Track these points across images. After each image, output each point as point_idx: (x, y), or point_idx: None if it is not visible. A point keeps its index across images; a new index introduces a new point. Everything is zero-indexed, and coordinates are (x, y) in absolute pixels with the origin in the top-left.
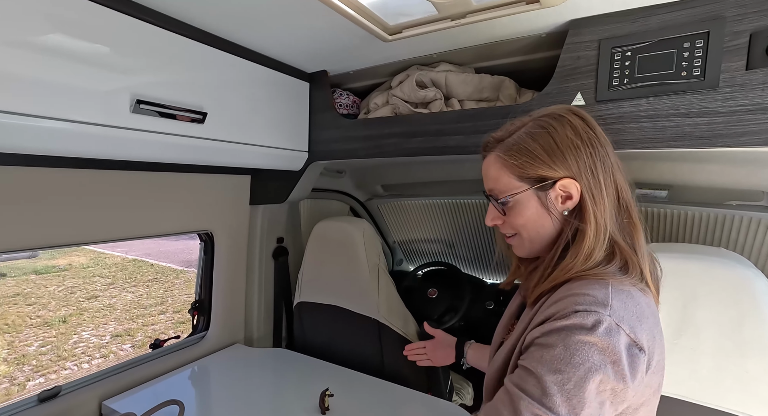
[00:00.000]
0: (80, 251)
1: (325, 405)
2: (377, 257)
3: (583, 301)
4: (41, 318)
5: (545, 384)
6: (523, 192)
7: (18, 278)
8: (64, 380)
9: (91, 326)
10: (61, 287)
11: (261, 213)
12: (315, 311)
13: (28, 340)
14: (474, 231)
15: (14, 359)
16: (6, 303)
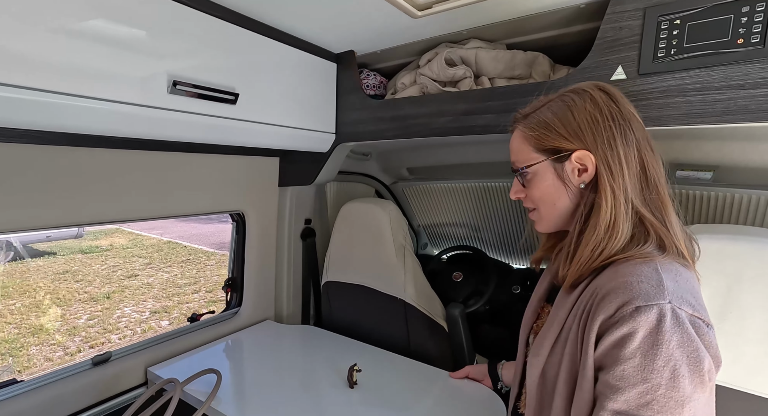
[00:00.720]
0: (120, 232)
1: (353, 379)
2: (404, 238)
3: (640, 293)
4: (88, 294)
5: (637, 398)
6: (540, 163)
7: (66, 257)
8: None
9: (131, 302)
10: (104, 266)
11: (289, 195)
12: (342, 290)
13: (78, 314)
14: (501, 215)
15: (66, 330)
16: (57, 280)
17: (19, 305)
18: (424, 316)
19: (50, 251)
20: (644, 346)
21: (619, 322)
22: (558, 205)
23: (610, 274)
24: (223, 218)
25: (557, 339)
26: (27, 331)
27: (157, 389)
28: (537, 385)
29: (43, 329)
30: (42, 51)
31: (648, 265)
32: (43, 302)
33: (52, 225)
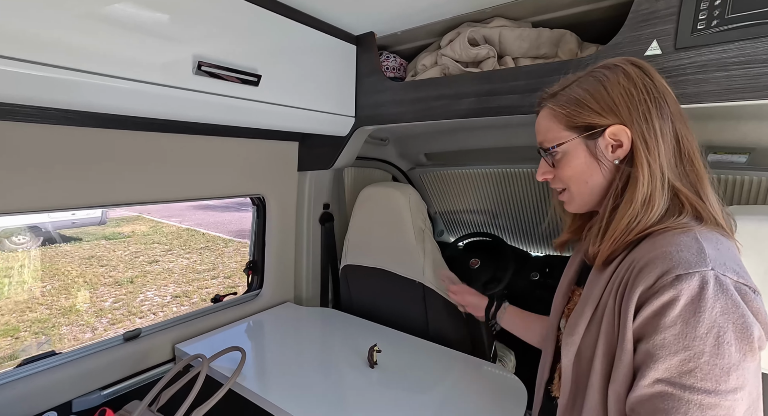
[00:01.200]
0: (141, 220)
1: (374, 359)
2: (423, 222)
3: (680, 261)
4: (112, 278)
5: (679, 366)
6: (571, 141)
7: (91, 243)
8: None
9: (153, 287)
10: (127, 251)
11: (308, 179)
12: (361, 274)
13: (104, 297)
14: (520, 202)
15: (94, 312)
16: (84, 264)
17: (49, 288)
18: (443, 300)
19: (76, 237)
20: (685, 314)
21: (660, 291)
22: (590, 183)
23: (648, 246)
24: (240, 206)
25: (592, 317)
26: (58, 312)
27: (184, 364)
28: (572, 366)
29: (72, 310)
30: (71, 32)
31: (687, 234)
32: (73, 286)
33: (79, 205)
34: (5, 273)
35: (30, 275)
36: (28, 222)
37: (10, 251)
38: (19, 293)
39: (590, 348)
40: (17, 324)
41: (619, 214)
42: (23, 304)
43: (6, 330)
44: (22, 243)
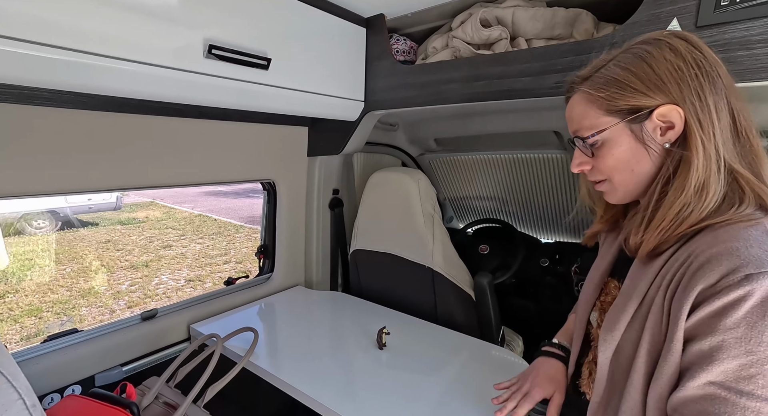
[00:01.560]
0: (154, 205)
1: (383, 341)
2: (432, 207)
3: (750, 258)
4: (128, 262)
5: (737, 371)
6: (613, 127)
7: (107, 227)
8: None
9: (168, 271)
10: (141, 236)
11: (318, 164)
12: (370, 258)
13: (120, 280)
14: (531, 188)
15: (111, 294)
16: (100, 248)
17: (69, 270)
18: (452, 285)
19: (92, 221)
20: (752, 317)
21: (724, 291)
22: (637, 170)
23: (708, 240)
24: (251, 193)
25: (636, 313)
26: (77, 293)
27: (200, 343)
28: (610, 363)
29: (91, 292)
30: (83, 15)
31: (755, 228)
32: (91, 268)
33: (93, 189)
34: (27, 256)
35: (50, 258)
36: (47, 207)
37: (31, 235)
38: (41, 276)
39: (632, 345)
40: (40, 305)
41: (667, 202)
42: (45, 286)
43: (30, 310)
44: (42, 227)
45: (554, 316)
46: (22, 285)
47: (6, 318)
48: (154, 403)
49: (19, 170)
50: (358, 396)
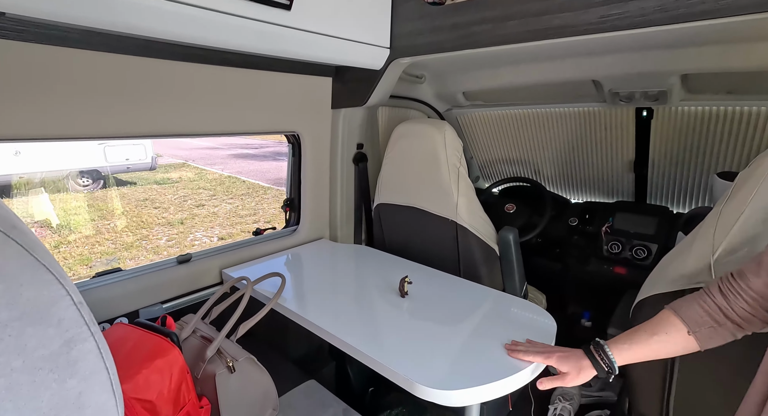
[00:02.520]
0: (187, 167)
1: (404, 290)
2: (458, 160)
3: None
4: (165, 219)
5: None
6: None
7: (144, 187)
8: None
9: (201, 228)
10: (176, 195)
11: (342, 117)
12: (394, 212)
13: (158, 236)
14: (564, 145)
15: (151, 248)
16: (139, 206)
17: (112, 225)
18: (476, 238)
19: (131, 181)
20: None
21: None
22: None
23: None
24: (277, 155)
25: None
26: (121, 246)
27: (231, 284)
28: None
29: (133, 245)
30: None
31: None
32: (132, 225)
33: (119, 135)
34: (75, 211)
35: (95, 213)
36: (89, 166)
37: (77, 192)
38: (89, 230)
39: None
40: (89, 256)
41: None
42: (92, 239)
43: (81, 260)
44: (87, 185)
45: (580, 277)
46: (71, 238)
47: (62, 265)
48: (192, 336)
49: (49, 114)
50: (379, 338)
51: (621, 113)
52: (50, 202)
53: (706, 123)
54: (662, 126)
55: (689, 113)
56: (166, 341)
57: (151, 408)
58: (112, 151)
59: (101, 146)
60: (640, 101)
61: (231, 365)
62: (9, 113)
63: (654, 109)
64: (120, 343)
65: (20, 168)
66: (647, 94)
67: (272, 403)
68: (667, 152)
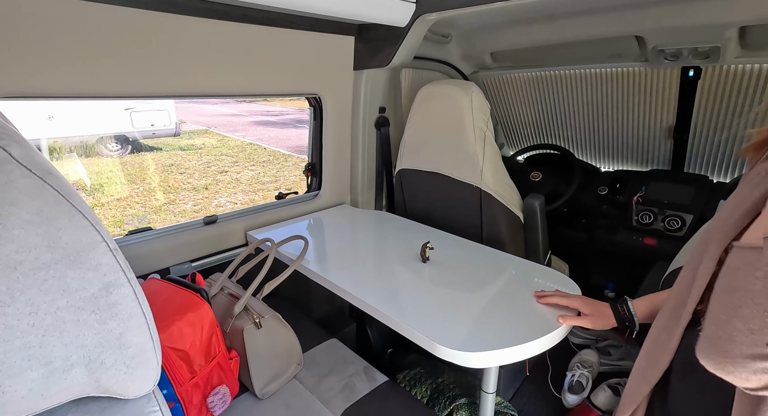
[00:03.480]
0: (209, 133)
1: (426, 255)
2: (485, 123)
3: None
4: (190, 184)
5: None
6: None
7: (170, 152)
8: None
9: (225, 194)
10: (200, 161)
11: (364, 79)
12: (416, 178)
13: (185, 200)
14: (597, 109)
15: (178, 212)
16: (165, 171)
17: (141, 190)
18: (501, 205)
19: (156, 147)
20: None
21: None
22: None
23: None
24: (297, 123)
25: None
26: (150, 210)
27: (256, 245)
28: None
29: (161, 209)
30: None
31: None
32: (160, 189)
33: (136, 94)
34: (107, 176)
35: (125, 178)
36: (118, 131)
37: (107, 156)
38: (120, 193)
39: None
40: (121, 218)
41: None
42: (123, 202)
43: (114, 222)
44: (116, 150)
45: (606, 247)
46: (104, 201)
47: None
48: (220, 293)
49: (72, 71)
50: (400, 301)
51: (664, 74)
52: (82, 166)
53: (761, 83)
54: (710, 87)
55: (743, 72)
56: (196, 296)
57: (184, 356)
58: (138, 116)
59: (128, 111)
60: (688, 60)
61: (258, 321)
62: (32, 70)
63: (702, 68)
64: (154, 296)
65: (53, 132)
66: (697, 51)
67: (297, 358)
68: (712, 116)
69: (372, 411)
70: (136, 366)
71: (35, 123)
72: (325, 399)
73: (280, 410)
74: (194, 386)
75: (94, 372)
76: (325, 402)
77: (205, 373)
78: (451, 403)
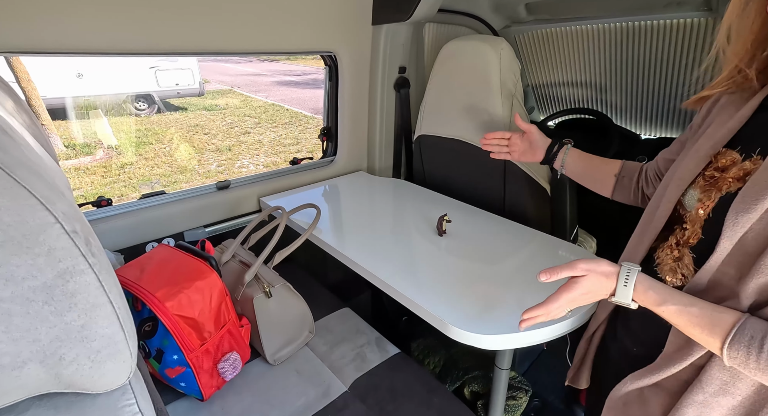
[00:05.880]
0: (232, 93)
1: (443, 228)
2: (513, 85)
3: None
4: (214, 145)
5: None
6: None
7: (195, 113)
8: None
9: (248, 155)
10: (224, 122)
11: (383, 34)
12: (436, 145)
13: (209, 161)
14: (639, 68)
15: (203, 172)
16: (191, 131)
17: (167, 149)
18: (526, 176)
19: (182, 106)
20: None
21: None
22: None
23: None
24: (321, 84)
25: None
26: (177, 170)
27: (268, 213)
28: (732, 251)
29: (187, 169)
30: None
31: None
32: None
33: (152, 51)
34: (136, 135)
35: (153, 137)
36: (144, 90)
37: (135, 115)
38: (148, 152)
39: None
40: (150, 177)
41: None
42: (151, 161)
43: (142, 180)
44: (143, 109)
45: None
46: (133, 160)
47: (128, 184)
48: (231, 260)
49: (82, 24)
50: (414, 276)
51: None
52: (109, 125)
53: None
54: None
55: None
56: (204, 264)
57: (193, 324)
58: (163, 75)
59: (152, 69)
60: None
61: (268, 290)
62: (46, 23)
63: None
64: (163, 264)
65: (83, 91)
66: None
67: (309, 326)
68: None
69: (382, 382)
70: (104, 359)
71: (65, 80)
72: (336, 367)
73: (291, 375)
74: (204, 352)
75: (52, 368)
76: (336, 370)
77: (216, 340)
78: (464, 375)
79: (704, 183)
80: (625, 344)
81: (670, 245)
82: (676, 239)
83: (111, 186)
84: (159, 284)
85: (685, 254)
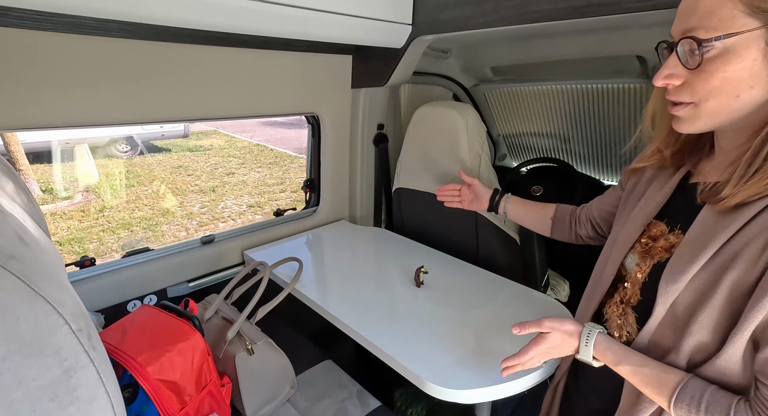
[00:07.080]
0: (217, 134)
1: (420, 279)
2: (480, 146)
3: None
4: (197, 186)
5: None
6: (748, 33)
7: (178, 154)
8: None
9: (231, 196)
10: (207, 163)
11: (362, 97)
12: (413, 197)
13: (192, 202)
14: (598, 123)
15: (185, 214)
16: (174, 173)
17: (150, 191)
18: (496, 228)
19: (166, 147)
20: None
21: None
22: (744, 98)
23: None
24: (305, 124)
25: (707, 264)
26: (158, 212)
27: (251, 268)
28: (666, 315)
29: (169, 212)
30: None
31: None
32: (168, 192)
33: (136, 121)
34: (117, 177)
35: (134, 179)
36: (128, 133)
37: (118, 158)
38: (129, 195)
39: (694, 295)
40: (130, 220)
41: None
42: (132, 204)
43: (123, 224)
44: (126, 151)
45: None
46: (114, 203)
47: (106, 228)
48: (214, 317)
49: (71, 101)
50: (393, 331)
51: None
52: (95, 168)
53: None
54: None
55: None
56: (187, 325)
57: (174, 387)
58: None
59: None
60: None
61: (250, 347)
62: (31, 101)
63: None
64: (145, 325)
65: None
66: None
67: (290, 381)
68: None
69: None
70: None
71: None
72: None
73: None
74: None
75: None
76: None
77: (196, 403)
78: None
79: (641, 249)
80: (586, 396)
81: (615, 302)
82: (620, 296)
83: (88, 231)
84: (141, 348)
85: (629, 314)
